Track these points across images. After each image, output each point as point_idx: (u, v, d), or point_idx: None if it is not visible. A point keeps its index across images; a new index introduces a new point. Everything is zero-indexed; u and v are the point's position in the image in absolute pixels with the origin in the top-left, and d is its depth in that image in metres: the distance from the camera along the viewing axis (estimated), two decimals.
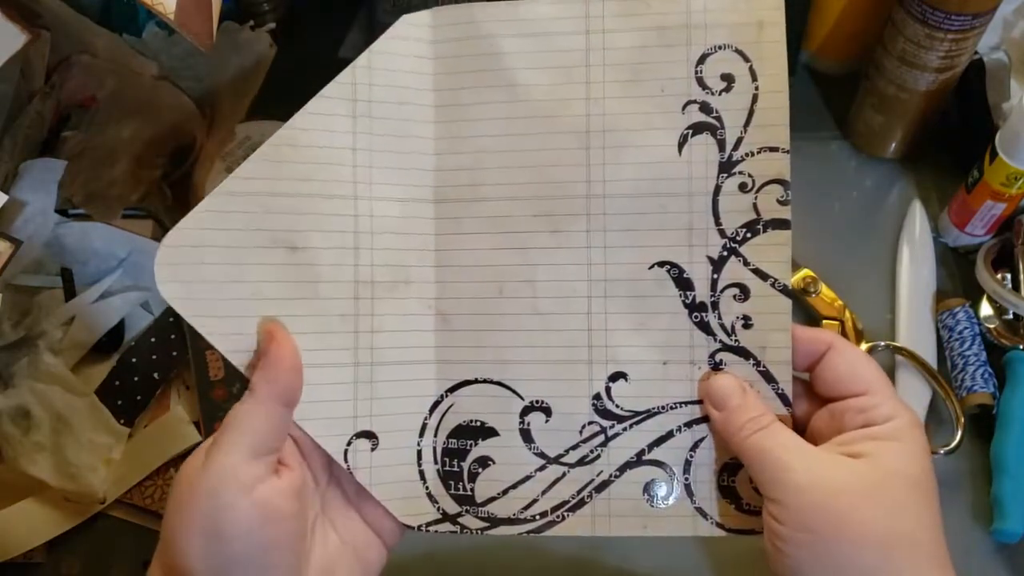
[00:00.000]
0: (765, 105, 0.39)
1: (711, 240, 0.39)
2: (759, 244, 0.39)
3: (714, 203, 0.39)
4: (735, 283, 0.39)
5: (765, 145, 0.39)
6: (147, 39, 0.64)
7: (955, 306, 0.58)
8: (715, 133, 0.39)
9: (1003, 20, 0.64)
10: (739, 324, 0.39)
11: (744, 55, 0.39)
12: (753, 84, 0.39)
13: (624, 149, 0.40)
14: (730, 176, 0.39)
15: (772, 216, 0.39)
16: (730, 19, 0.39)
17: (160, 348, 0.58)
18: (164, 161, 0.62)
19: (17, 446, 0.53)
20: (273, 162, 0.40)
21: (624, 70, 0.39)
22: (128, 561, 0.54)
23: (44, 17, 0.60)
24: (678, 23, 0.39)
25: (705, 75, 0.39)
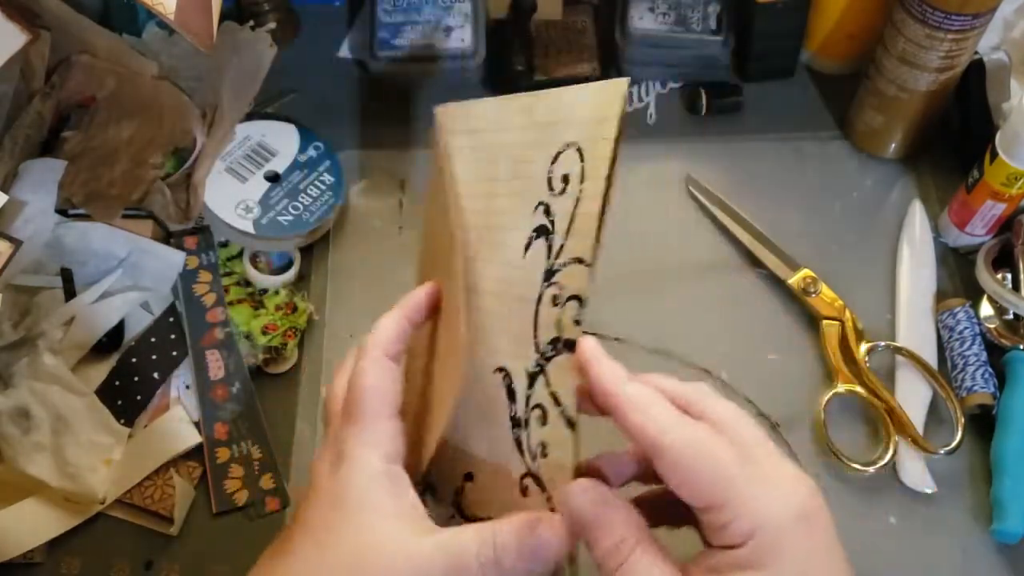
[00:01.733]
0: (583, 210, 0.35)
1: (529, 352, 0.36)
2: (559, 364, 0.35)
3: (536, 313, 0.36)
4: (539, 404, 0.36)
5: (574, 256, 0.35)
6: (147, 39, 0.64)
7: (955, 306, 0.58)
8: (548, 237, 0.36)
9: (1003, 20, 0.64)
10: (539, 450, 0.36)
11: (581, 153, 0.35)
12: (580, 186, 0.35)
13: (498, 247, 0.38)
14: (549, 286, 0.36)
15: (568, 336, 0.35)
16: (579, 114, 0.36)
17: (160, 348, 0.58)
18: (164, 161, 0.62)
19: (17, 446, 0.53)
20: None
21: (511, 167, 0.39)
22: (128, 561, 0.54)
23: (44, 17, 0.60)
24: (547, 119, 0.37)
25: (554, 174, 0.36)
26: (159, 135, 0.62)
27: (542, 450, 0.36)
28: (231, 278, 0.61)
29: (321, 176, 0.63)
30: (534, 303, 0.36)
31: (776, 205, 0.64)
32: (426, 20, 0.68)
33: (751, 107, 0.69)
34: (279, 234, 0.61)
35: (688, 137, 0.68)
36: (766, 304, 0.61)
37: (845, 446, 0.54)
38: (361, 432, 0.36)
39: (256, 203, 0.61)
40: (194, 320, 0.59)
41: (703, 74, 0.69)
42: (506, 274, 0.38)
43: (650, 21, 0.67)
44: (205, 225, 0.61)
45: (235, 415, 0.56)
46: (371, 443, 0.36)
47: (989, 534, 0.52)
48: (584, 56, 0.69)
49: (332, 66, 0.72)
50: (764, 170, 0.66)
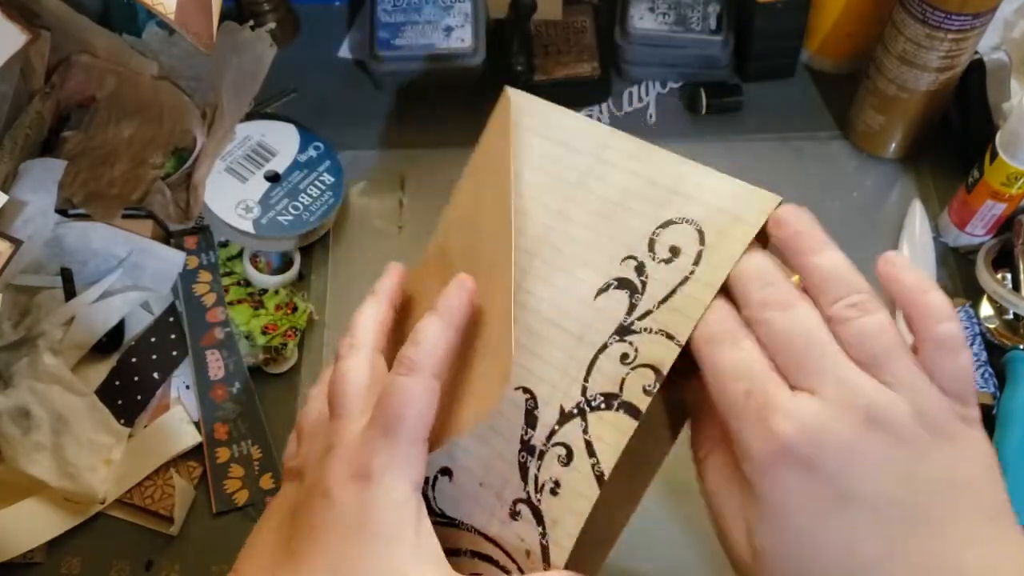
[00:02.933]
0: (690, 292, 0.35)
1: (572, 392, 0.36)
2: (606, 419, 0.35)
3: (594, 359, 0.36)
4: (566, 444, 0.36)
5: (665, 329, 0.35)
6: (147, 39, 0.64)
7: (955, 306, 0.58)
8: (633, 296, 0.36)
9: (1003, 20, 0.64)
10: (549, 486, 0.36)
11: (702, 237, 0.35)
12: (692, 267, 0.35)
13: (559, 272, 0.38)
14: (621, 342, 0.35)
15: (630, 400, 0.35)
16: (713, 201, 0.36)
17: (160, 348, 0.58)
18: (164, 161, 0.62)
19: (17, 446, 0.53)
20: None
21: (601, 203, 0.38)
22: (128, 561, 0.54)
23: (44, 17, 0.60)
24: (668, 184, 0.37)
25: (659, 239, 0.36)
26: (159, 135, 0.62)
27: (553, 488, 0.36)
28: (231, 278, 0.61)
29: (321, 176, 0.63)
30: (594, 348, 0.36)
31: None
32: (426, 20, 0.68)
33: (751, 107, 0.69)
34: (279, 234, 0.61)
35: (688, 137, 0.68)
36: None
37: None
38: (395, 453, 0.34)
39: (256, 203, 0.61)
40: (194, 320, 0.59)
41: (703, 74, 0.69)
42: (565, 304, 0.37)
43: (650, 21, 0.67)
44: (205, 225, 0.61)
45: (235, 415, 0.56)
46: (403, 468, 0.34)
47: None
48: (584, 56, 0.69)
49: (332, 66, 0.72)
50: (764, 170, 0.66)
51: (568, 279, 0.37)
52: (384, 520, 0.33)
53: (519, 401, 0.37)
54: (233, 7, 0.71)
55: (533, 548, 0.36)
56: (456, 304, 0.37)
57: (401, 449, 0.34)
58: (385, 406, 0.35)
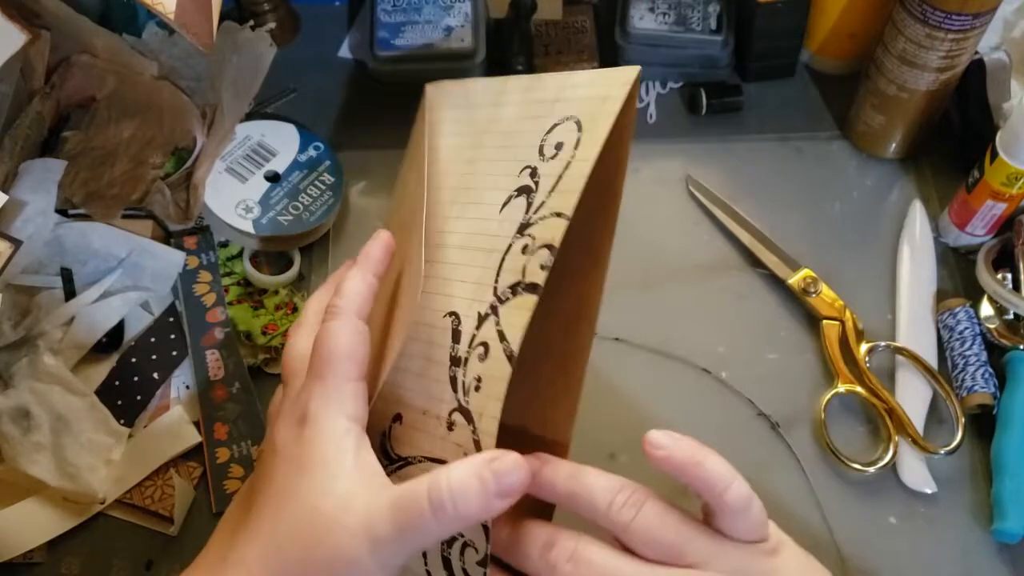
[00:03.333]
0: (573, 172, 0.37)
1: (485, 296, 0.38)
2: (512, 306, 0.37)
3: (501, 262, 0.38)
4: (484, 342, 0.37)
5: (554, 210, 0.37)
6: (147, 39, 0.64)
7: (955, 306, 0.58)
8: (529, 196, 0.39)
9: (1003, 20, 0.64)
10: (474, 385, 0.37)
11: (580, 125, 0.38)
12: (573, 152, 0.38)
13: (471, 205, 0.41)
14: (521, 237, 0.38)
15: (530, 280, 0.36)
16: (585, 93, 0.39)
17: (160, 348, 0.58)
18: (163, 161, 0.62)
19: (17, 446, 0.53)
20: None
21: (501, 137, 0.42)
22: (128, 561, 0.54)
23: (44, 17, 0.60)
24: (551, 97, 0.41)
25: (546, 143, 0.39)
26: (159, 135, 0.62)
27: (476, 384, 0.37)
28: (231, 278, 0.61)
29: (321, 176, 0.63)
30: (501, 253, 0.38)
31: (776, 205, 0.64)
32: (426, 20, 0.68)
33: (751, 107, 0.69)
34: (279, 234, 0.61)
35: (688, 137, 0.68)
36: (766, 304, 0.61)
37: (845, 446, 0.54)
38: (328, 393, 0.37)
39: (256, 203, 0.61)
40: (194, 320, 0.59)
41: (703, 74, 0.69)
42: (477, 228, 0.40)
43: (650, 21, 0.67)
44: (205, 225, 0.61)
45: (235, 415, 0.56)
46: (338, 403, 0.37)
47: (989, 534, 0.52)
48: (584, 56, 0.69)
49: (332, 66, 0.72)
50: (764, 170, 0.66)
51: (479, 209, 0.41)
52: (321, 451, 0.36)
53: (447, 326, 0.39)
54: (233, 7, 0.71)
55: (468, 447, 0.37)
56: (372, 252, 0.42)
57: (333, 386, 0.37)
58: (316, 352, 0.38)
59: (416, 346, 0.40)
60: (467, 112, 0.44)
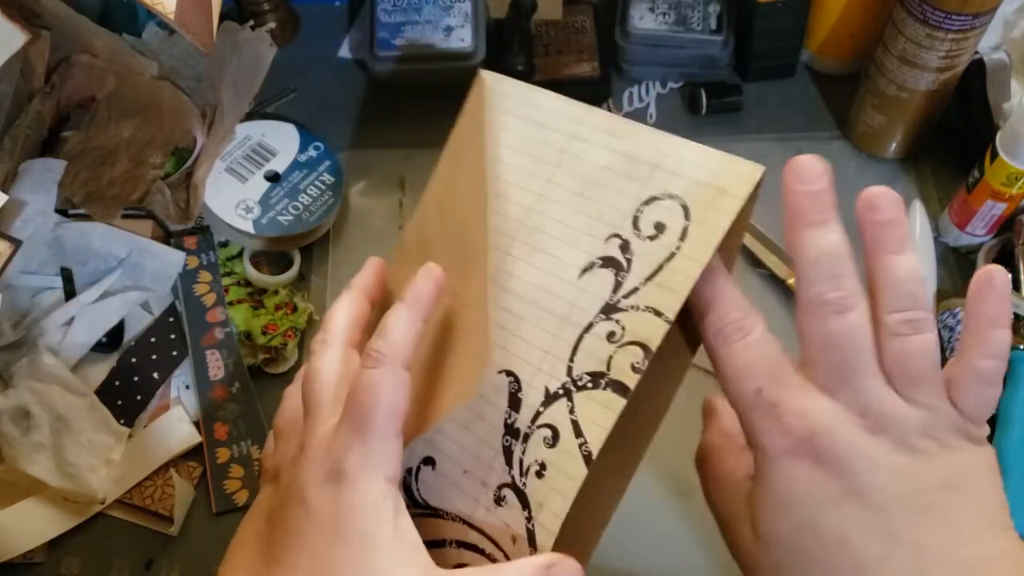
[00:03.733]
0: (677, 268, 0.34)
1: (557, 372, 0.35)
2: (593, 398, 0.34)
3: (579, 339, 0.35)
4: (552, 425, 0.35)
5: (652, 306, 0.34)
6: (147, 39, 0.65)
7: (956, 306, 0.58)
8: (618, 273, 0.35)
9: (1003, 20, 0.64)
10: (535, 469, 0.35)
11: (687, 212, 0.35)
12: (678, 242, 0.35)
13: (541, 254, 0.37)
14: (607, 320, 0.35)
15: (618, 378, 0.34)
16: (695, 175, 0.36)
17: (160, 348, 0.58)
18: (163, 161, 0.62)
19: (17, 446, 0.53)
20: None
21: (580, 182, 0.38)
22: (128, 561, 0.54)
23: (44, 17, 0.60)
24: (648, 159, 0.37)
25: (643, 217, 0.36)
26: (159, 135, 0.62)
27: (539, 470, 0.35)
28: (231, 278, 0.61)
29: (321, 176, 0.63)
30: (580, 328, 0.35)
31: (777, 205, 0.64)
32: (426, 20, 0.68)
33: (751, 107, 0.69)
34: (279, 234, 0.61)
35: (688, 137, 0.67)
36: (766, 304, 0.61)
37: None
38: (367, 451, 0.33)
39: (256, 203, 0.61)
40: (194, 320, 0.59)
41: (703, 74, 0.69)
42: (547, 283, 0.37)
43: (650, 21, 0.67)
44: (205, 225, 0.61)
45: (235, 415, 0.56)
46: (378, 464, 0.34)
47: None
48: (584, 56, 0.69)
49: (332, 66, 0.72)
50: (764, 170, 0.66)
51: (550, 260, 0.37)
52: (361, 521, 0.33)
53: (502, 384, 0.36)
54: (233, 7, 0.71)
55: (519, 532, 0.35)
56: (424, 292, 0.37)
57: (374, 445, 0.34)
58: (355, 401, 0.34)
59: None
60: (535, 130, 0.40)
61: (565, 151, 0.38)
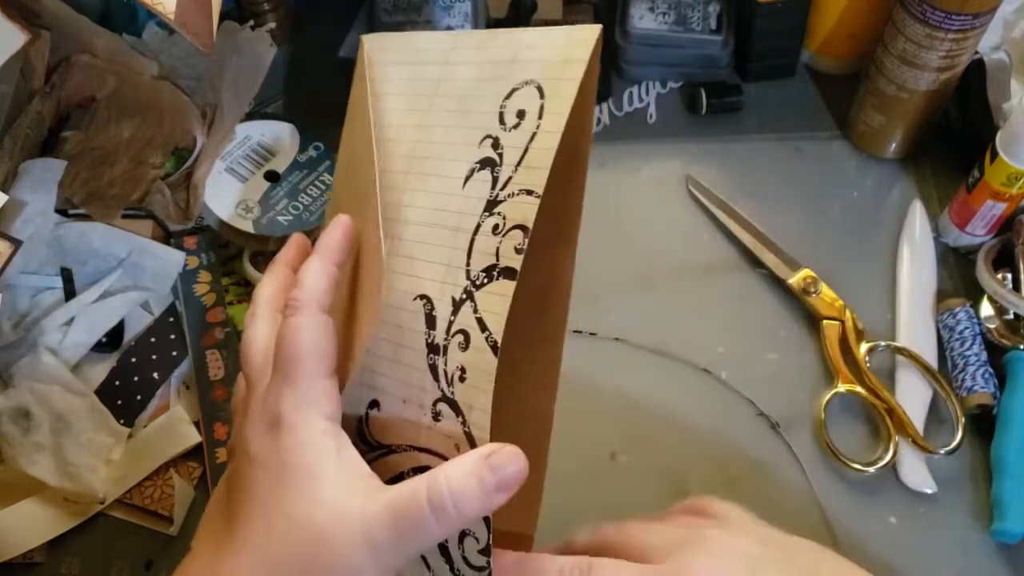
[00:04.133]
0: (539, 145, 0.35)
1: (459, 280, 0.36)
2: (489, 292, 0.35)
3: (471, 242, 0.36)
4: (462, 330, 0.36)
5: (524, 187, 0.35)
6: (147, 39, 0.64)
7: (955, 306, 0.58)
8: (493, 170, 0.37)
9: (1003, 20, 0.64)
10: (457, 374, 0.36)
11: (541, 91, 0.36)
12: (537, 122, 0.36)
13: (430, 177, 0.39)
14: (490, 215, 0.36)
15: (506, 264, 0.35)
16: (545, 55, 0.37)
17: (160, 348, 0.58)
18: (163, 161, 0.62)
19: (17, 446, 0.53)
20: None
21: (455, 101, 0.39)
22: (128, 561, 0.54)
23: (44, 17, 0.60)
24: (505, 58, 0.38)
25: (506, 110, 0.37)
26: (159, 135, 0.62)
27: (460, 374, 0.36)
28: (231, 278, 0.61)
29: (321, 176, 0.63)
30: (470, 232, 0.36)
31: (776, 205, 0.64)
32: (426, 20, 0.68)
33: (751, 107, 0.69)
34: (279, 234, 0.61)
35: (688, 137, 0.68)
36: (766, 304, 0.61)
37: (845, 446, 0.54)
38: (299, 394, 0.35)
39: (256, 203, 0.61)
40: (194, 320, 0.59)
41: (703, 74, 0.69)
42: (439, 203, 0.38)
43: (650, 21, 0.67)
44: (205, 225, 0.61)
45: None
46: (312, 404, 0.35)
47: (989, 534, 0.52)
48: None
49: (332, 66, 0.72)
50: (764, 170, 0.66)
51: (439, 180, 0.38)
52: (302, 458, 0.35)
53: (418, 309, 0.37)
54: (233, 7, 0.71)
55: (460, 440, 0.36)
56: (331, 240, 0.39)
57: (304, 386, 0.35)
58: (280, 350, 0.36)
59: (385, 329, 0.38)
60: (413, 70, 0.41)
61: (440, 79, 0.40)
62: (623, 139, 0.68)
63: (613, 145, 0.68)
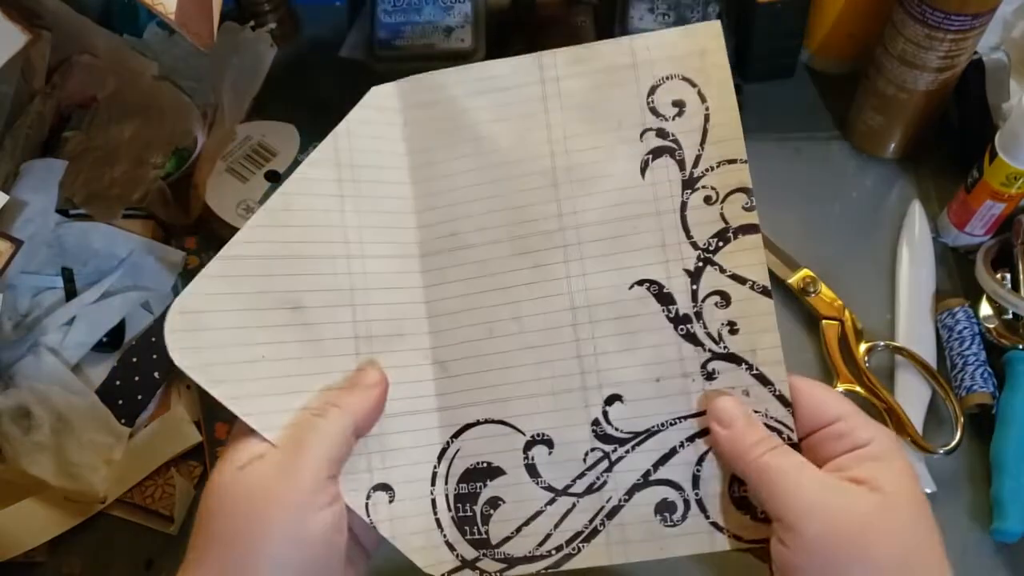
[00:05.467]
0: (717, 122, 0.41)
1: (685, 253, 0.40)
2: (732, 251, 0.40)
3: (683, 218, 0.40)
4: (715, 291, 0.40)
5: (723, 159, 0.41)
6: (148, 39, 0.65)
7: (955, 306, 0.58)
8: (674, 155, 0.41)
9: (1003, 20, 0.64)
10: (725, 330, 0.39)
11: (691, 81, 0.41)
12: (703, 106, 0.41)
13: (590, 180, 0.41)
14: (694, 191, 0.40)
15: (740, 223, 0.40)
16: (673, 52, 0.41)
17: (161, 348, 0.58)
18: (164, 161, 0.62)
19: (18, 446, 0.53)
20: (270, 227, 0.41)
21: (581, 110, 0.41)
22: (129, 560, 0.54)
23: (45, 17, 0.60)
24: (624, 63, 0.41)
25: (657, 104, 0.41)
26: (159, 135, 0.62)
27: (731, 328, 0.39)
28: None
29: None
30: (675, 212, 0.40)
31: (776, 205, 0.64)
32: (426, 20, 0.68)
33: (751, 107, 0.69)
34: None
35: None
36: None
37: None
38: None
39: (256, 203, 0.61)
40: None
41: None
42: (617, 199, 0.41)
43: (650, 21, 0.67)
44: (205, 225, 0.62)
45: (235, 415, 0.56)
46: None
47: (989, 534, 0.52)
48: None
49: (332, 66, 0.72)
50: (764, 170, 0.66)
51: (604, 182, 0.41)
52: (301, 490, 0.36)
53: (643, 295, 0.40)
54: (233, 7, 0.71)
55: (748, 384, 0.39)
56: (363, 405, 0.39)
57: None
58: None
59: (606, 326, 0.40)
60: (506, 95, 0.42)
61: (545, 96, 0.42)
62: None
63: None
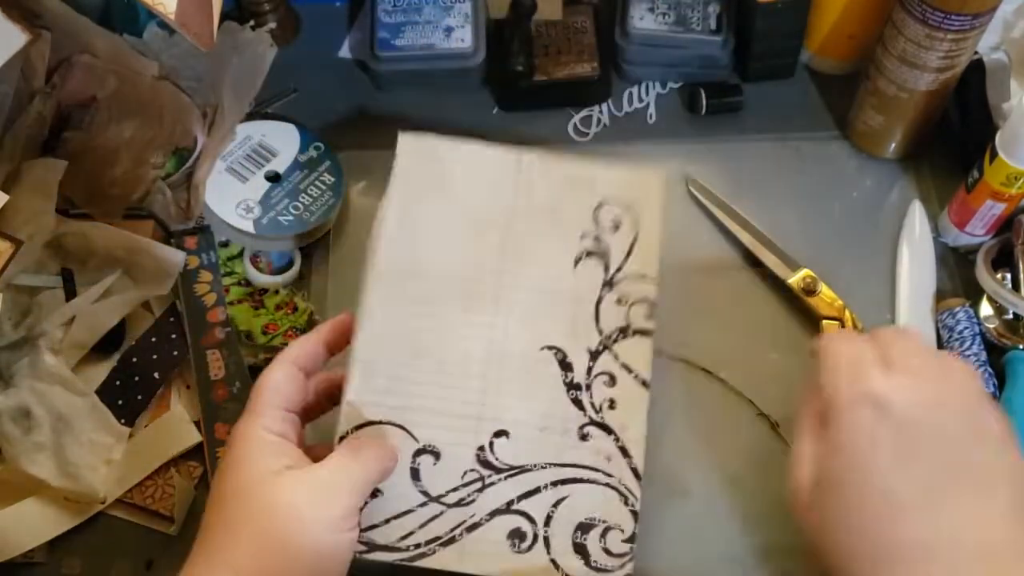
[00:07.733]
0: (643, 245, 0.52)
1: (591, 337, 0.50)
2: (627, 346, 0.50)
3: (596, 310, 0.50)
4: (606, 372, 0.49)
5: (638, 273, 0.51)
6: (148, 39, 0.64)
7: (955, 306, 0.58)
8: (603, 259, 0.51)
9: (1003, 20, 0.64)
10: (606, 405, 0.49)
11: (631, 209, 0.52)
12: (635, 231, 0.52)
13: (531, 257, 0.51)
14: (610, 291, 0.51)
15: (639, 326, 0.51)
16: (624, 184, 0.53)
17: (160, 348, 0.58)
18: (164, 161, 0.62)
19: (18, 446, 0.53)
20: None
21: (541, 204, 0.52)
22: (129, 560, 0.54)
23: (45, 17, 0.60)
24: (585, 176, 0.53)
25: (601, 218, 0.52)
26: (159, 135, 0.62)
27: (610, 404, 0.49)
28: (231, 278, 0.61)
29: (321, 176, 0.63)
30: (592, 303, 0.51)
31: (776, 205, 0.64)
32: (426, 20, 0.68)
33: (751, 107, 0.69)
34: (279, 234, 0.61)
35: (688, 137, 0.68)
36: (766, 304, 0.61)
37: None
38: (254, 418, 0.43)
39: (256, 203, 0.61)
40: (194, 320, 0.59)
41: (703, 74, 0.69)
42: (551, 275, 0.51)
43: (650, 21, 0.67)
44: (205, 225, 0.62)
45: (235, 415, 0.56)
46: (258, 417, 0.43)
47: None
48: (584, 56, 0.69)
49: (332, 66, 0.72)
50: (764, 170, 0.66)
51: (543, 260, 0.51)
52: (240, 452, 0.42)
53: (549, 357, 0.49)
54: (233, 7, 0.71)
55: (611, 452, 0.48)
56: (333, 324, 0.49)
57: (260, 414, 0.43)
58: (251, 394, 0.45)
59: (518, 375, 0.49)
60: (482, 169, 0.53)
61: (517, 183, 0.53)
62: (623, 139, 0.68)
63: (613, 145, 0.68)
